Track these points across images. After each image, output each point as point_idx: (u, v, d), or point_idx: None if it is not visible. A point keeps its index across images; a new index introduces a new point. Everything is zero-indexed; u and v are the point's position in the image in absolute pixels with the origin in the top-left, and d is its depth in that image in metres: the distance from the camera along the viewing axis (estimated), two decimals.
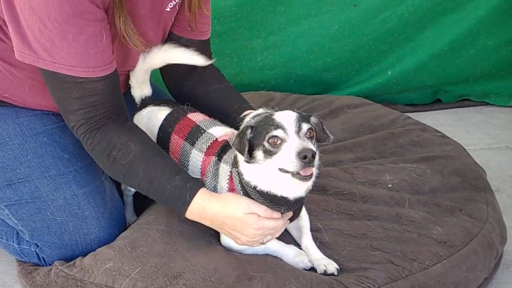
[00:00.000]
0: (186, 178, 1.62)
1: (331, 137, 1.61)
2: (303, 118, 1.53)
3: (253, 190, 1.57)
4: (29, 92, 1.76)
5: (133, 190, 1.90)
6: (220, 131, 1.75)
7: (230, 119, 1.80)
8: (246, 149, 1.51)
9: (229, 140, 1.71)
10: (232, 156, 1.65)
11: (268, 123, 1.52)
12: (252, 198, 1.59)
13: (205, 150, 1.71)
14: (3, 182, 1.74)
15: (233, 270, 1.57)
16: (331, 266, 1.61)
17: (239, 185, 1.61)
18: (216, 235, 1.72)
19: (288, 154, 1.47)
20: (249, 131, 1.53)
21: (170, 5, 1.78)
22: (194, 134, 1.74)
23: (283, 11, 2.95)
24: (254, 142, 1.53)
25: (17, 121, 1.77)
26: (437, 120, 2.93)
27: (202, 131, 1.74)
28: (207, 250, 1.65)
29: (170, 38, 1.88)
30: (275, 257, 1.66)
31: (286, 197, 1.57)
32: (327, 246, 1.70)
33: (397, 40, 3.00)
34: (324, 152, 2.20)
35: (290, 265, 1.63)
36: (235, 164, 1.63)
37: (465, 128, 2.91)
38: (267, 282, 1.54)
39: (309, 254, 1.66)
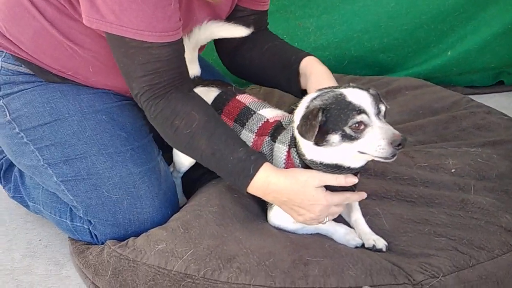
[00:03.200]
0: (250, 151, 1.58)
1: (387, 106, 1.53)
2: (376, 97, 1.47)
3: (319, 165, 1.52)
4: (92, 72, 1.76)
5: (182, 171, 1.88)
6: (270, 113, 1.71)
7: (290, 71, 1.77)
8: (316, 131, 1.43)
9: (282, 121, 1.66)
10: (289, 136, 1.60)
11: (346, 107, 1.44)
12: None
13: (256, 131, 1.67)
14: (60, 158, 1.74)
15: (289, 255, 1.52)
16: (380, 242, 1.57)
17: (300, 165, 1.56)
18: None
19: (375, 141, 1.41)
20: (320, 113, 1.45)
21: None
22: (244, 115, 1.71)
23: None
24: (328, 125, 1.45)
25: (77, 98, 1.77)
26: (499, 103, 2.78)
27: (252, 113, 1.71)
28: (261, 233, 1.60)
29: (235, 9, 1.85)
30: (332, 240, 1.61)
31: (351, 167, 1.52)
32: (386, 232, 1.63)
33: (457, 19, 2.85)
34: None
35: (348, 249, 1.56)
36: (293, 144, 1.58)
37: None
38: (324, 267, 1.48)
39: (357, 229, 1.62)
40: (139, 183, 1.74)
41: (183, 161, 1.83)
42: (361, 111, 1.43)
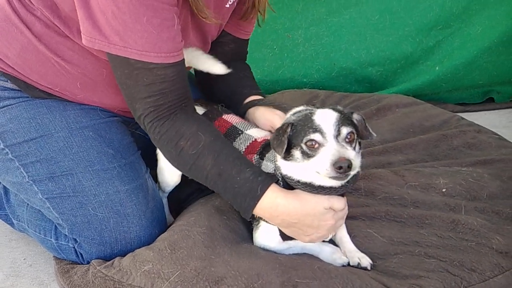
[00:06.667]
0: (258, 171, 1.56)
1: (374, 134, 1.55)
2: (344, 120, 1.46)
3: (297, 183, 1.52)
4: (80, 88, 1.73)
5: (167, 191, 1.86)
6: (258, 133, 1.71)
7: (237, 103, 1.80)
8: (284, 147, 1.46)
9: (270, 139, 1.64)
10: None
11: (307, 124, 1.46)
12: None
13: (243, 150, 1.66)
14: (46, 175, 1.71)
15: (277, 277, 1.49)
16: (365, 260, 1.57)
17: (281, 182, 1.56)
18: None
19: (323, 161, 1.42)
20: (289, 129, 1.48)
21: (230, 1, 1.75)
22: (231, 134, 1.70)
23: (323, 1, 2.90)
24: (292, 141, 1.48)
25: (64, 113, 1.74)
26: (490, 121, 2.78)
27: (240, 132, 1.70)
28: (249, 255, 1.57)
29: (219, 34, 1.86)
30: (322, 261, 1.59)
31: (322, 185, 1.51)
32: (377, 256, 1.61)
33: (442, 34, 2.91)
34: (372, 153, 2.11)
35: (338, 270, 1.54)
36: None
37: None
38: None
39: (342, 247, 1.62)
40: (126, 201, 1.70)
41: (168, 180, 1.81)
42: (316, 129, 1.44)
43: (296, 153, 1.48)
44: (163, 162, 1.77)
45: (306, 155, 1.46)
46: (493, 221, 1.71)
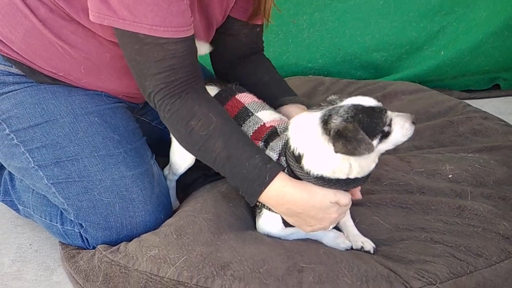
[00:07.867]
0: (267, 158, 1.55)
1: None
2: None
3: (312, 178, 1.51)
4: (84, 73, 1.72)
5: (178, 174, 1.85)
6: (268, 116, 1.69)
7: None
8: (370, 140, 1.44)
9: (277, 127, 1.64)
10: (281, 144, 1.58)
11: (372, 112, 1.46)
12: None
13: (251, 134, 1.65)
14: (51, 160, 1.71)
15: (283, 262, 1.49)
16: (368, 244, 1.59)
17: (287, 171, 1.55)
18: None
19: (404, 126, 1.51)
20: (357, 125, 1.44)
21: None
22: (241, 116, 1.69)
23: None
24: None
25: (69, 99, 1.74)
26: (496, 108, 2.76)
27: (250, 114, 1.69)
28: (254, 242, 1.57)
29: (226, 21, 1.83)
30: (327, 246, 1.60)
31: (362, 176, 1.55)
32: (382, 242, 1.61)
33: (446, 20, 2.89)
34: None
35: (343, 255, 1.54)
36: (283, 153, 1.57)
37: None
38: (318, 274, 1.46)
39: (345, 231, 1.64)
40: (131, 186, 1.71)
41: (181, 163, 1.79)
42: (385, 109, 1.50)
43: (374, 143, 1.47)
44: (176, 144, 1.75)
45: (386, 136, 1.48)
46: (499, 207, 1.71)
